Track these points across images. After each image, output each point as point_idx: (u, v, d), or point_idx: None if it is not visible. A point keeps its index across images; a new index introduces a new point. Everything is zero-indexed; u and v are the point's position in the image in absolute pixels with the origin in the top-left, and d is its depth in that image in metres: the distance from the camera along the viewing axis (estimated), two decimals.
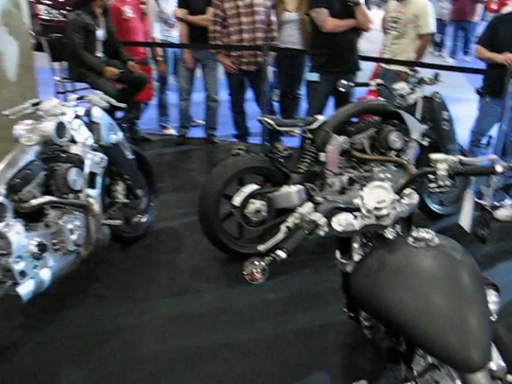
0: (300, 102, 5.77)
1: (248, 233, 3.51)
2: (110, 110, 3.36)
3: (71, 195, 2.82)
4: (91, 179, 2.99)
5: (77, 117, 2.99)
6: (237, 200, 3.29)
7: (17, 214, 2.52)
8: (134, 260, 3.45)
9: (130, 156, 3.36)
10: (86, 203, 2.89)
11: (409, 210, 1.89)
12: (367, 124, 3.62)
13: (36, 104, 2.91)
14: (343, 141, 3.47)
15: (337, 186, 3.51)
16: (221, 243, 3.38)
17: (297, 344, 2.73)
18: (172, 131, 6.13)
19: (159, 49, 5.69)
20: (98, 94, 3.16)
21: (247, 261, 1.58)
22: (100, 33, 4.76)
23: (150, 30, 5.63)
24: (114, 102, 3.22)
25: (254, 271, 1.56)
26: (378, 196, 1.75)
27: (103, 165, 3.09)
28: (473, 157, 3.74)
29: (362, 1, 4.38)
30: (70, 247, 2.77)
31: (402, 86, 3.71)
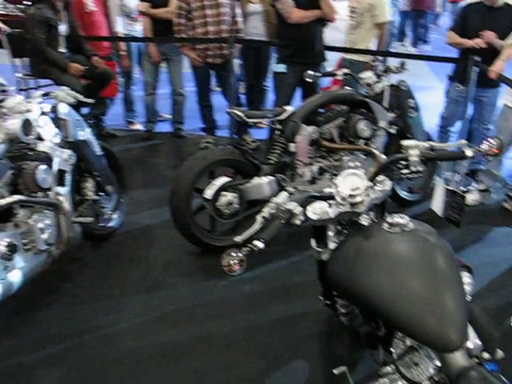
0: (267, 93, 5.78)
1: (220, 225, 3.51)
2: (76, 107, 3.31)
3: (40, 194, 2.75)
4: (60, 177, 2.93)
5: (43, 113, 2.93)
6: (208, 193, 3.28)
7: None
8: (107, 257, 3.41)
9: (98, 152, 3.31)
10: (55, 201, 2.83)
11: (382, 196, 1.91)
12: (335, 113, 3.64)
13: None
14: (312, 131, 3.49)
15: (307, 176, 3.53)
16: (193, 237, 3.37)
17: (274, 334, 2.74)
18: (139, 126, 6.07)
19: (122, 43, 5.61)
20: (65, 90, 3.10)
21: (224, 252, 1.57)
22: (62, 28, 4.65)
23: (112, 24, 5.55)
24: (81, 97, 3.17)
25: (232, 263, 1.55)
26: (351, 183, 1.76)
27: (72, 162, 3.04)
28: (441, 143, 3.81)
29: None
30: (41, 247, 2.71)
31: (369, 76, 3.75)
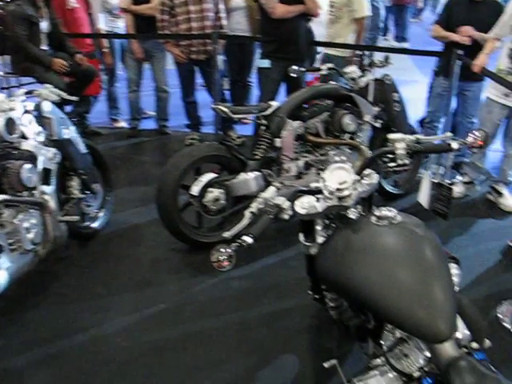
0: (251, 89, 5.78)
1: (207, 222, 3.50)
2: (59, 105, 3.27)
3: (25, 193, 2.73)
4: (45, 175, 2.91)
5: (26, 112, 2.90)
6: (195, 189, 3.28)
7: None
8: (94, 256, 3.39)
9: (83, 150, 3.29)
10: (41, 200, 2.81)
11: (369, 189, 1.92)
12: (321, 108, 3.65)
13: None
14: (298, 126, 3.50)
15: (293, 171, 3.54)
16: (180, 233, 3.37)
17: (263, 329, 2.75)
18: (123, 124, 6.03)
19: (105, 40, 5.56)
20: (48, 88, 3.07)
21: (213, 248, 1.57)
22: (44, 24, 4.59)
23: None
24: (64, 95, 3.14)
25: (221, 258, 1.55)
26: (339, 177, 1.76)
27: (57, 160, 3.02)
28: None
29: None
30: (27, 246, 2.69)
31: (353, 70, 3.76)
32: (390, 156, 1.93)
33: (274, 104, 3.51)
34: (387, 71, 3.88)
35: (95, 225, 3.58)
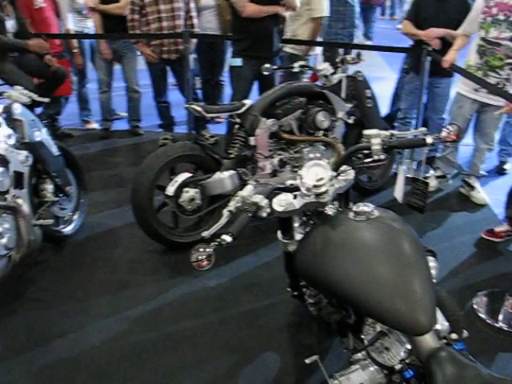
0: (223, 88, 5.76)
1: (183, 222, 3.49)
2: (30, 106, 3.22)
3: None
4: (17, 179, 2.86)
5: None
6: (170, 190, 3.27)
7: None
8: (69, 259, 3.34)
9: (55, 153, 3.24)
10: (14, 204, 2.76)
11: (346, 185, 1.94)
12: (294, 106, 3.67)
13: None
14: (271, 124, 3.50)
15: (268, 169, 3.55)
16: (157, 234, 3.35)
17: (243, 328, 2.75)
18: (94, 125, 5.97)
19: (74, 41, 5.48)
20: (18, 90, 3.01)
21: (193, 248, 1.57)
22: (10, 24, 4.46)
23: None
24: (35, 96, 3.09)
25: (200, 258, 1.55)
26: (316, 174, 1.77)
27: (29, 163, 2.97)
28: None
29: None
30: (1, 251, 2.65)
31: (325, 67, 3.78)
32: (366, 152, 1.95)
33: (248, 102, 3.51)
34: (359, 68, 3.91)
35: (70, 228, 3.54)
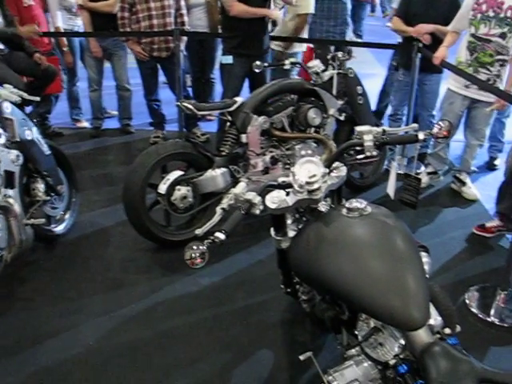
0: (214, 86, 5.75)
1: (175, 220, 3.49)
2: (20, 105, 3.19)
3: None
4: (8, 178, 2.84)
5: None
6: (162, 188, 3.26)
7: None
8: (61, 258, 3.33)
9: (47, 152, 3.22)
10: (5, 204, 2.74)
11: (338, 182, 1.95)
12: (285, 103, 3.66)
13: None
14: (263, 121, 3.50)
15: (260, 166, 3.55)
16: (149, 233, 3.34)
17: (237, 325, 2.75)
18: (85, 124, 5.93)
19: (64, 39, 5.45)
20: (8, 88, 2.99)
21: (187, 246, 1.57)
22: None
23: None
24: (26, 95, 3.07)
25: (194, 256, 1.55)
26: (308, 171, 1.78)
27: (20, 162, 2.94)
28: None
29: None
30: None
31: (316, 64, 3.77)
32: (358, 148, 1.95)
33: (239, 100, 3.51)
34: (350, 65, 3.91)
35: (61, 227, 3.52)
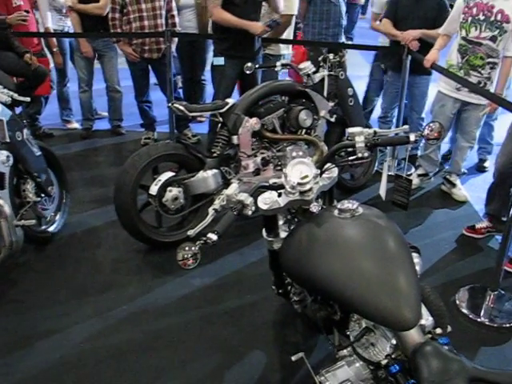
0: (205, 87, 5.74)
1: (166, 221, 3.48)
2: (10, 106, 3.18)
3: None
4: None
5: None
6: (154, 189, 3.26)
7: None
8: (52, 260, 3.31)
9: (37, 153, 3.20)
10: None
11: (330, 183, 1.96)
12: (276, 104, 3.67)
13: None
14: (254, 122, 3.50)
15: (251, 168, 3.56)
16: (140, 234, 3.34)
17: (229, 326, 2.75)
18: (76, 125, 5.91)
19: (54, 39, 5.42)
20: None
21: (179, 247, 1.57)
22: None
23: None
24: (16, 96, 3.05)
25: (186, 257, 1.55)
26: (300, 172, 1.79)
27: (10, 163, 2.92)
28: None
29: None
30: None
31: (307, 66, 3.78)
32: (349, 150, 1.96)
33: (230, 101, 3.51)
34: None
35: (52, 228, 3.51)
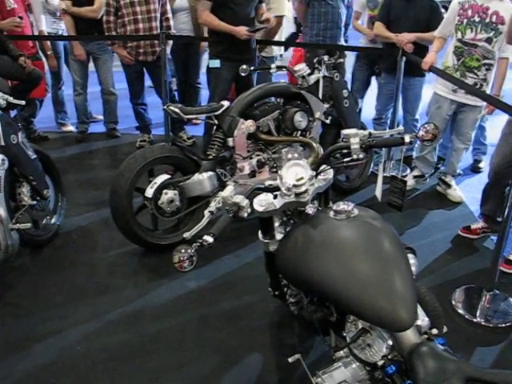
0: (199, 91, 5.74)
1: (162, 224, 3.48)
2: (4, 109, 3.17)
3: None
4: None
5: None
6: (149, 192, 3.26)
7: None
8: (48, 263, 3.31)
9: (32, 156, 3.20)
10: None
11: (325, 185, 1.96)
12: (272, 106, 3.67)
13: None
14: (250, 125, 3.50)
15: (247, 170, 3.56)
16: (136, 237, 3.33)
17: (225, 329, 2.75)
18: (71, 128, 5.91)
19: (48, 42, 5.41)
20: None
21: (175, 249, 1.57)
22: None
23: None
24: (11, 99, 3.05)
25: (182, 259, 1.55)
26: (296, 174, 1.79)
27: (5, 167, 2.92)
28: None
29: None
30: None
31: (303, 67, 3.79)
32: (344, 151, 1.97)
33: (226, 104, 3.51)
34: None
35: (47, 231, 3.50)
